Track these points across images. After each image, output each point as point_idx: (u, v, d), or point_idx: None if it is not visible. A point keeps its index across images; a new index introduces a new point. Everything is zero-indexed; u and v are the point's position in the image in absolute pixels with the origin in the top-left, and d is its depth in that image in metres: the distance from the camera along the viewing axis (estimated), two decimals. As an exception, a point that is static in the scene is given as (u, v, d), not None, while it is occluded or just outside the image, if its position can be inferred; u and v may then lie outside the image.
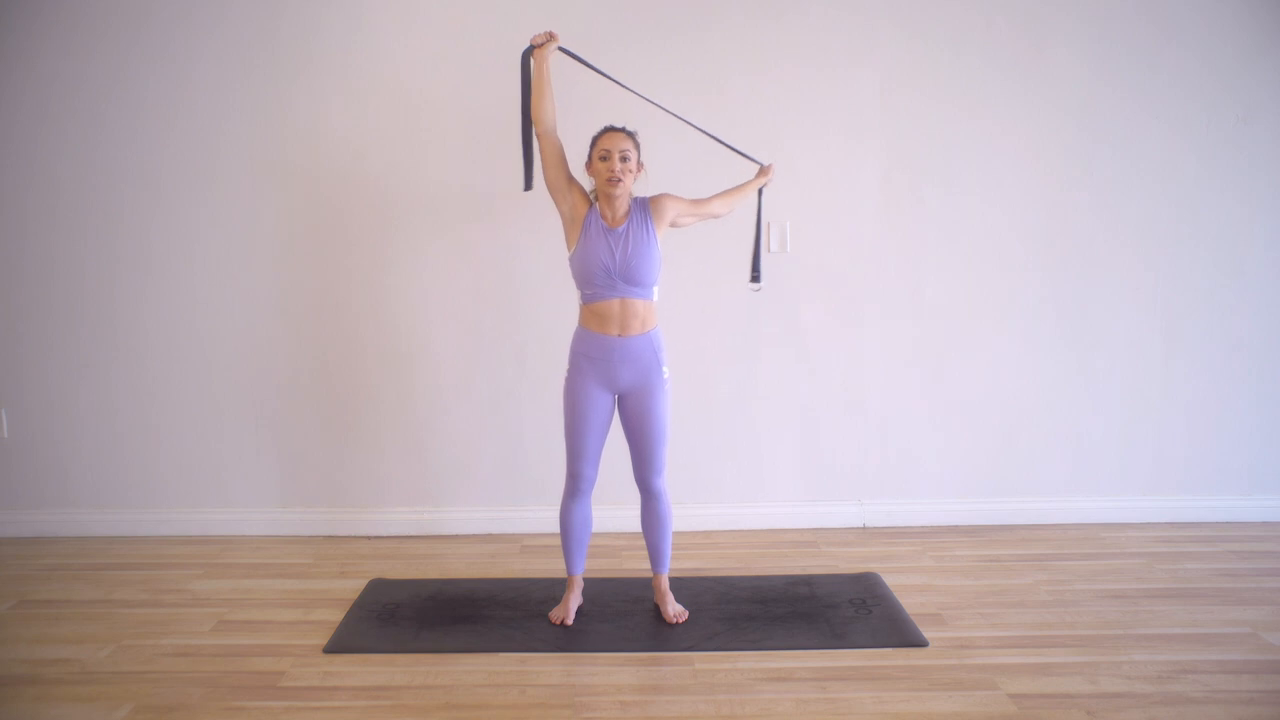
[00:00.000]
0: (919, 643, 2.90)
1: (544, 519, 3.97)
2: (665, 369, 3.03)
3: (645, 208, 3.00)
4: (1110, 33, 3.82)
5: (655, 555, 3.15)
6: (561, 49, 3.05)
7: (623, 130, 2.99)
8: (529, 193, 3.83)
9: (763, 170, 3.30)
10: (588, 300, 3.00)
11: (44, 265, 3.91)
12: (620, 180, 2.91)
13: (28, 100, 3.82)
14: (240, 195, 3.87)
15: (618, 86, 3.21)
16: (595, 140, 3.00)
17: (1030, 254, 3.92)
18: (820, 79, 3.84)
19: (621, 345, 2.97)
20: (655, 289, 3.02)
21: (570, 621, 3.05)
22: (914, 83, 3.84)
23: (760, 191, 3.32)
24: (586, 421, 3.01)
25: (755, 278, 3.31)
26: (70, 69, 3.80)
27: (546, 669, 2.78)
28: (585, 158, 3.03)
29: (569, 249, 3.02)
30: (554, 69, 3.02)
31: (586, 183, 3.07)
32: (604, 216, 2.98)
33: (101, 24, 3.78)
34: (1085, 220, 3.91)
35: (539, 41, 3.00)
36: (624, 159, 2.92)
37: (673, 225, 3.07)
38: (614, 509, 3.73)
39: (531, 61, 3.03)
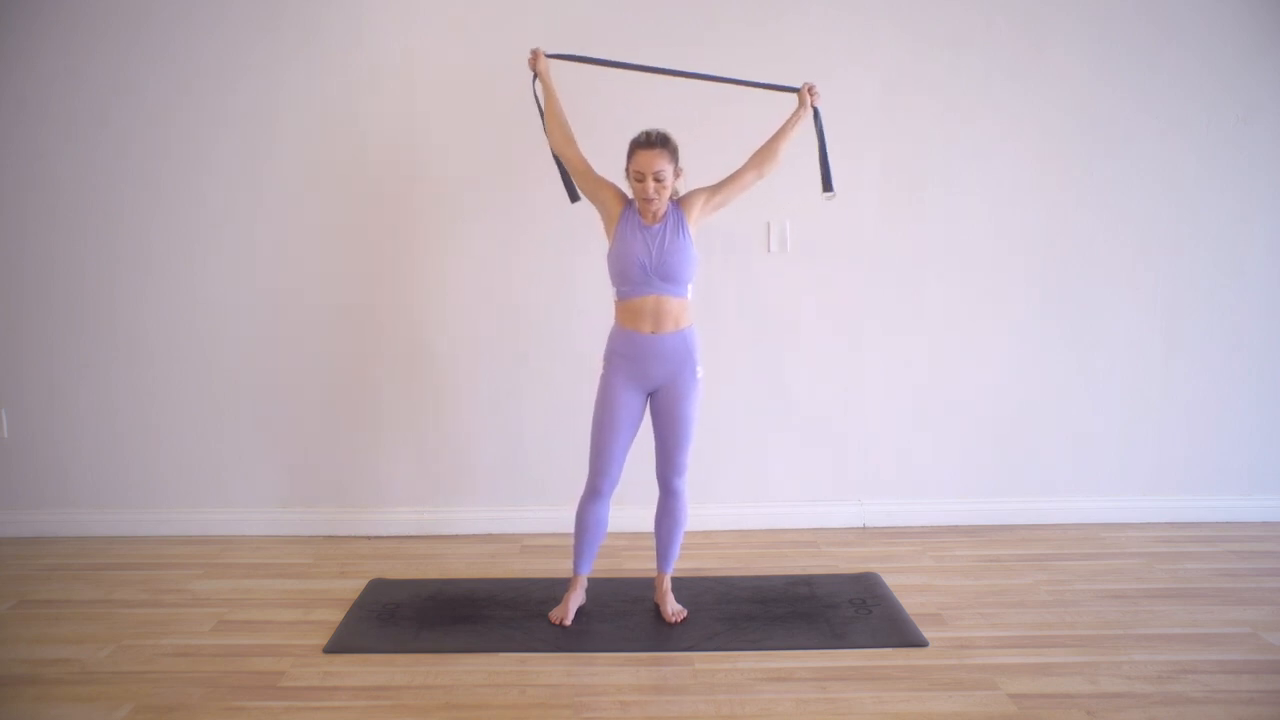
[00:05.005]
0: (919, 643, 2.90)
1: (544, 519, 3.97)
2: (699, 368, 3.03)
3: (678, 207, 3.01)
4: (1110, 33, 3.82)
5: (663, 554, 3.15)
6: (551, 56, 3.14)
7: (655, 146, 2.91)
8: (530, 193, 3.86)
9: (799, 97, 3.14)
10: (623, 297, 3.00)
11: (44, 265, 3.90)
12: (654, 200, 2.92)
13: (28, 100, 3.82)
14: (240, 195, 3.87)
15: (631, 71, 3.23)
16: (630, 154, 2.95)
17: (1030, 254, 3.92)
18: (820, 79, 3.82)
19: (655, 342, 2.97)
20: (690, 287, 3.02)
21: (569, 622, 3.05)
22: (914, 83, 3.84)
23: (817, 115, 3.16)
24: (615, 421, 3.00)
25: (827, 187, 3.21)
26: (70, 69, 3.80)
27: (546, 669, 2.78)
28: (624, 165, 3.00)
29: (609, 245, 3.03)
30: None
31: (624, 184, 3.06)
32: (643, 214, 2.98)
33: (101, 24, 3.77)
34: (1085, 220, 3.91)
35: (532, 65, 3.14)
36: (657, 180, 2.89)
37: (712, 209, 3.05)
38: (615, 509, 3.72)
39: (537, 85, 3.16)
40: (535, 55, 3.14)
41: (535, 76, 3.16)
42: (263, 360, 3.94)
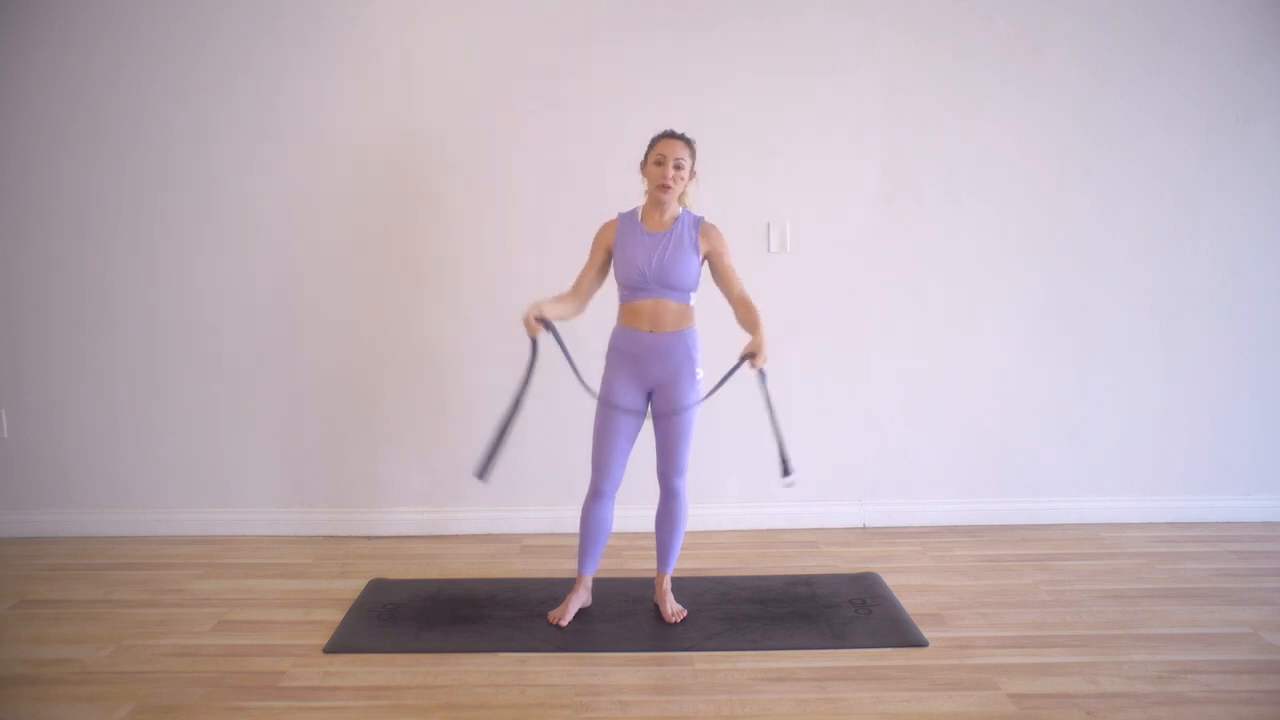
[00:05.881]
0: (919, 643, 2.90)
1: (544, 519, 3.97)
2: (699, 369, 3.03)
3: (696, 225, 3.01)
4: (1110, 33, 3.82)
5: (663, 554, 3.15)
6: (545, 322, 2.95)
7: (680, 138, 2.97)
8: (530, 193, 3.86)
9: (751, 351, 2.87)
10: (625, 301, 3.03)
11: (44, 265, 3.90)
12: (670, 187, 2.93)
13: (28, 100, 3.81)
14: (240, 194, 3.86)
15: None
16: (652, 143, 3.00)
17: (1030, 254, 3.92)
18: (821, 79, 3.84)
19: (653, 340, 2.98)
20: (692, 295, 3.02)
21: (565, 623, 3.05)
22: (914, 83, 3.84)
23: (762, 376, 2.91)
24: (616, 420, 3.01)
25: (785, 471, 2.89)
26: (70, 69, 3.80)
27: (546, 669, 2.78)
28: (642, 158, 3.04)
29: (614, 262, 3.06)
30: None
31: (639, 182, 3.09)
32: (647, 220, 3.01)
33: (101, 24, 3.77)
34: (1085, 221, 3.91)
35: (533, 330, 2.94)
36: (678, 166, 2.93)
37: (710, 263, 3.02)
38: (616, 509, 3.72)
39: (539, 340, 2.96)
40: (535, 322, 2.94)
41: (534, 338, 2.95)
42: (263, 360, 3.94)
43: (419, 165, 3.85)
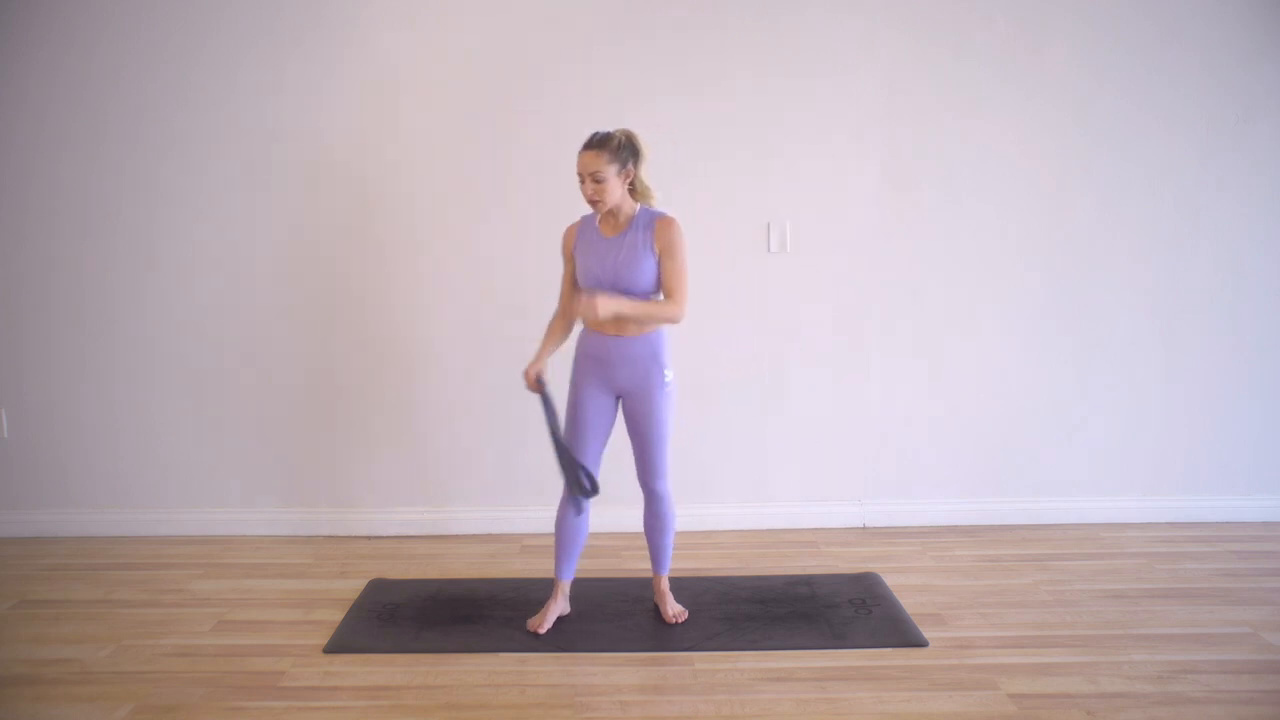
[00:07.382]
0: (919, 643, 2.90)
1: (544, 519, 3.96)
2: (667, 372, 2.99)
3: (650, 224, 2.92)
4: (1110, 33, 3.82)
5: (655, 557, 3.15)
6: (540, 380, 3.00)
7: (592, 148, 2.87)
8: (529, 193, 3.86)
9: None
10: None
11: (44, 265, 3.90)
12: (597, 200, 2.88)
13: (28, 100, 3.81)
14: (240, 194, 3.87)
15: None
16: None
17: (1030, 254, 3.92)
18: (821, 79, 3.83)
19: (618, 344, 2.94)
20: (655, 297, 2.96)
21: (543, 631, 3.01)
22: (914, 83, 3.84)
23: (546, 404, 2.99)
24: (583, 423, 3.00)
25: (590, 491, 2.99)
26: (70, 69, 3.80)
27: (546, 669, 2.78)
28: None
29: None
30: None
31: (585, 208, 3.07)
32: (604, 224, 2.98)
33: (101, 24, 3.77)
34: (1085, 221, 3.91)
35: (534, 388, 3.01)
36: (595, 180, 2.84)
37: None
38: (615, 509, 3.72)
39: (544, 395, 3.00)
40: (530, 380, 3.01)
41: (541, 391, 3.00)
42: (263, 360, 3.94)
43: (419, 165, 3.85)
